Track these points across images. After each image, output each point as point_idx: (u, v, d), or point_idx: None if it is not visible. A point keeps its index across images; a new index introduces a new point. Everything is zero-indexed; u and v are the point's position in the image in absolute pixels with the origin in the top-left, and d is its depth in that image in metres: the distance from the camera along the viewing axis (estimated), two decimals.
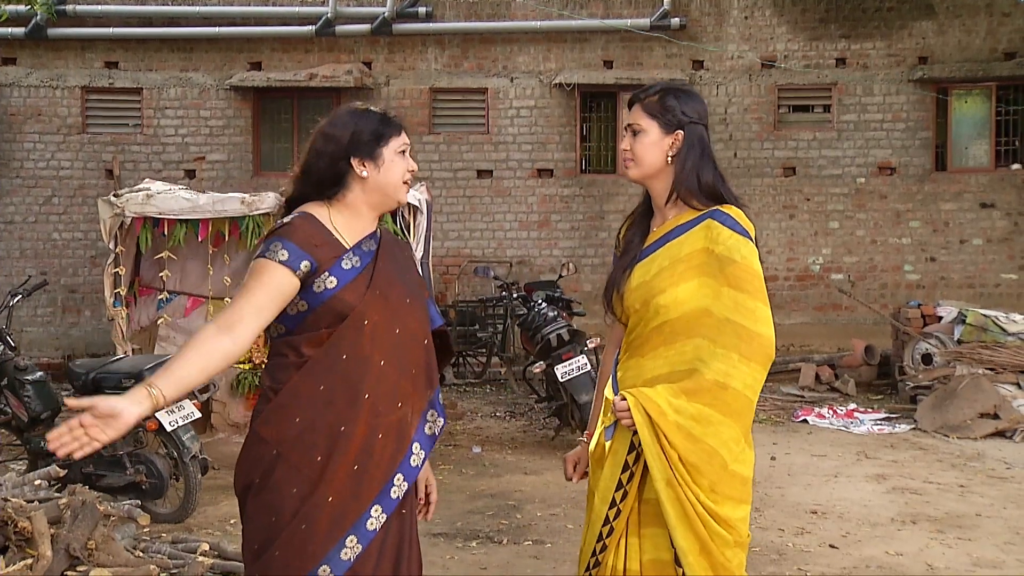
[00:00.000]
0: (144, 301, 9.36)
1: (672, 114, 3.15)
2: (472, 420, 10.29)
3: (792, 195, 14.20)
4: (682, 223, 3.11)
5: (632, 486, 3.02)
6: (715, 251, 3.01)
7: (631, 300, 3.12)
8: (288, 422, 2.93)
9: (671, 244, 3.10)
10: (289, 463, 2.91)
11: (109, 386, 6.47)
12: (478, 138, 14.07)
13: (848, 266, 14.20)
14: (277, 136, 14.33)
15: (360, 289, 2.97)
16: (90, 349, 13.86)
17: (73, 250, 14.11)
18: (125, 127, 14.18)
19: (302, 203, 3.06)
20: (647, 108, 3.17)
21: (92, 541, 4.86)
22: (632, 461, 3.01)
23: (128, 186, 12.72)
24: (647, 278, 3.10)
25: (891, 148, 14.15)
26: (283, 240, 2.92)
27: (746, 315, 2.95)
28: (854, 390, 11.52)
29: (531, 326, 8.91)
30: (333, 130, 3.03)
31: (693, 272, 3.03)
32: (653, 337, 3.07)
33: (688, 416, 2.93)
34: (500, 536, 6.35)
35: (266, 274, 2.91)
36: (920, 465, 8.23)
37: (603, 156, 14.28)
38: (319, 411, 2.92)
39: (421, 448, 3.09)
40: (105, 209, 8.09)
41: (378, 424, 2.98)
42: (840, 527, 6.49)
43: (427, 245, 8.29)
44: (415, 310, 3.10)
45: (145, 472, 6.48)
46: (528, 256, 14.10)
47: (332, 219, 3.01)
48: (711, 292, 2.99)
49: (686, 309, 3.01)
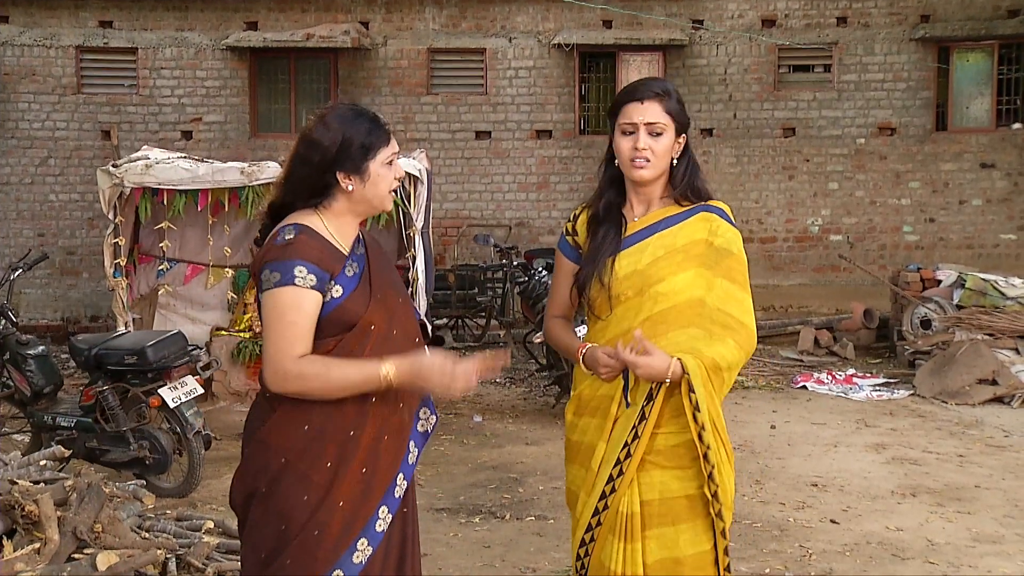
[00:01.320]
0: (144, 269, 9.35)
1: (684, 115, 3.16)
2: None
3: (792, 156, 14.15)
4: (671, 215, 3.16)
5: (644, 429, 3.05)
6: (715, 243, 3.10)
7: (621, 288, 3.13)
8: (296, 430, 2.92)
9: (663, 234, 3.13)
10: (298, 471, 2.91)
11: (111, 363, 6.48)
12: (476, 99, 13.98)
13: (847, 227, 14.19)
14: (274, 97, 14.22)
15: (363, 295, 2.96)
16: (89, 312, 13.86)
17: (70, 212, 14.05)
18: (120, 88, 14.06)
19: (287, 210, 3.02)
20: (668, 107, 3.14)
21: (98, 524, 4.87)
22: (648, 409, 3.04)
23: (126, 150, 12.71)
24: (639, 266, 3.11)
25: (891, 108, 14.08)
26: (306, 264, 2.87)
27: (736, 306, 3.05)
28: (853, 354, 11.56)
29: (531, 295, 8.92)
30: (321, 137, 2.95)
31: (691, 262, 3.09)
32: (645, 328, 3.06)
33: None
34: (503, 511, 6.39)
35: (305, 302, 2.87)
36: (919, 433, 8.27)
37: (602, 117, 14.18)
38: (329, 418, 2.92)
39: (415, 446, 3.12)
40: (104, 179, 8.04)
41: (384, 426, 3.01)
42: (841, 500, 6.53)
43: (427, 215, 8.26)
44: (407, 309, 3.13)
45: (149, 447, 6.50)
46: (527, 218, 14.06)
47: (327, 227, 2.98)
48: (705, 283, 3.07)
49: (682, 298, 3.07)
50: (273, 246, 2.91)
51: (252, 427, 3.02)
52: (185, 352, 6.62)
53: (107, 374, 6.54)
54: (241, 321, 9.42)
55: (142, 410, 6.62)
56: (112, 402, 6.50)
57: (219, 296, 9.59)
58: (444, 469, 7.32)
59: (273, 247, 2.91)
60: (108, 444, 6.57)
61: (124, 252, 8.26)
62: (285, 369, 2.86)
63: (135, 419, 6.61)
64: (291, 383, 2.87)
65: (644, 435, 3.05)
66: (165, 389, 6.40)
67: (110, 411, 6.51)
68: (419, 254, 8.13)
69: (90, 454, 6.63)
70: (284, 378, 2.87)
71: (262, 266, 2.91)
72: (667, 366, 2.95)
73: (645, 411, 3.05)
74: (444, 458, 7.60)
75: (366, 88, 13.99)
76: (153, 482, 6.56)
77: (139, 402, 6.53)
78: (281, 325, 2.87)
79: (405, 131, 13.91)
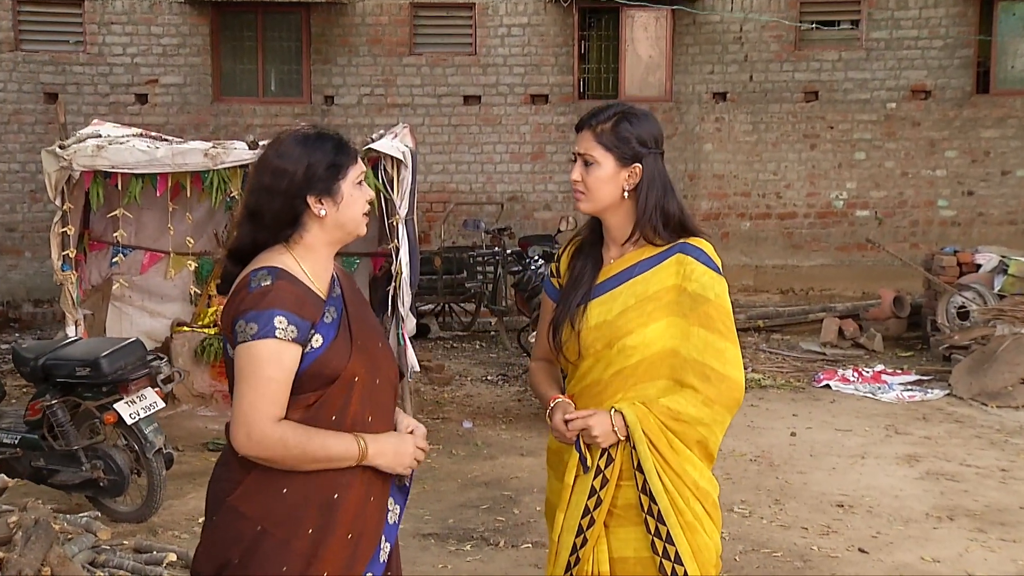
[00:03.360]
0: (95, 257, 9.27)
1: (628, 145, 3.14)
2: (461, 386, 10.31)
3: (814, 123, 14.11)
4: (646, 258, 3.17)
5: (606, 492, 3.11)
6: (687, 288, 3.10)
7: (590, 339, 3.16)
8: (273, 494, 2.89)
9: (635, 281, 3.15)
10: (276, 539, 2.88)
11: (61, 374, 6.42)
12: (464, 60, 13.89)
13: (875, 202, 14.18)
14: (239, 56, 14.12)
15: (344, 344, 2.94)
16: (32, 295, 13.80)
17: (10, 184, 13.97)
18: (65, 45, 13.93)
19: (255, 250, 2.98)
20: (600, 139, 3.15)
21: (47, 566, 4.84)
22: (609, 471, 3.11)
23: (72, 115, 12.58)
24: (609, 317, 3.14)
25: (926, 69, 14.04)
26: (286, 314, 2.84)
27: (715, 356, 3.06)
28: (881, 346, 11.56)
29: (527, 287, 8.89)
30: (284, 163, 2.92)
31: (662, 311, 3.11)
32: (615, 381, 3.13)
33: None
34: (497, 537, 6.38)
35: (286, 356, 2.84)
36: (956, 442, 8.28)
37: (604, 79, 14.13)
38: (310, 479, 2.90)
39: (396, 503, 3.12)
40: (50, 162, 7.93)
41: (371, 487, 3.00)
42: (869, 525, 6.53)
43: (412, 201, 8.19)
44: (387, 352, 3.13)
45: (103, 468, 6.45)
46: (521, 192, 14.01)
47: (301, 266, 2.95)
48: (679, 332, 3.09)
49: (653, 350, 3.10)
50: (247, 294, 2.86)
51: (221, 491, 2.98)
52: (144, 362, 6.56)
53: (56, 386, 6.48)
54: (205, 315, 9.38)
55: (96, 426, 6.57)
56: (62, 417, 6.45)
57: (180, 288, 9.53)
58: (431, 486, 7.31)
59: (247, 295, 2.86)
60: (57, 464, 6.52)
61: (73, 242, 8.18)
62: (263, 432, 2.83)
63: (88, 436, 6.55)
64: (268, 449, 2.84)
65: (607, 499, 3.11)
66: (122, 404, 6.34)
67: (59, 427, 6.46)
68: (403, 244, 8.06)
69: (37, 475, 6.58)
70: (260, 442, 2.83)
71: (236, 317, 2.86)
72: (610, 422, 3.05)
73: (606, 473, 3.10)
74: (431, 472, 7.58)
75: (342, 47, 13.89)
76: (108, 506, 6.53)
77: (92, 417, 6.48)
78: (259, 382, 2.83)
79: (385, 95, 13.84)
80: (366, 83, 14.04)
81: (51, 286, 12.17)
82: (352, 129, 13.77)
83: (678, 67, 14.05)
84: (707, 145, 14.23)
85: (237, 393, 2.88)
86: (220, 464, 3.03)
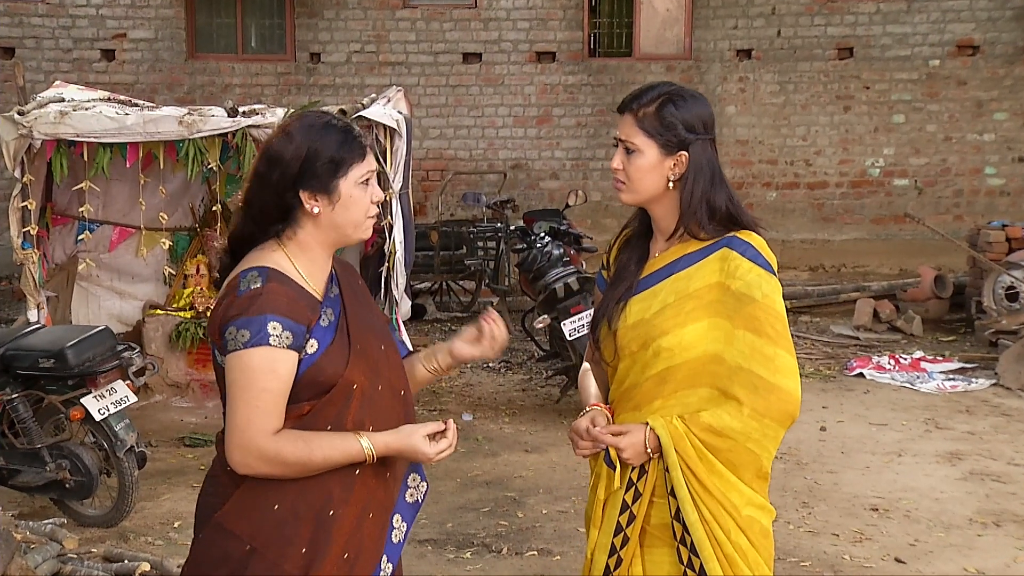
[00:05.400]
0: (59, 233, 9.27)
1: (673, 131, 3.13)
2: (461, 373, 10.33)
3: (848, 82, 14.09)
4: (691, 252, 3.16)
5: (640, 508, 3.13)
6: (731, 287, 3.07)
7: (626, 340, 3.17)
8: (264, 511, 2.92)
9: (678, 276, 3.15)
10: (266, 560, 2.92)
11: (22, 366, 6.43)
12: (463, 13, 13.86)
13: (915, 169, 14.18)
14: (216, 9, 14.11)
15: (342, 348, 2.96)
16: None
17: None
18: None
19: (248, 243, 3.01)
20: (643, 123, 3.14)
21: None
22: (642, 485, 3.12)
23: (32, 72, 12.56)
24: (647, 315, 3.14)
25: (974, 22, 14.01)
26: (280, 318, 2.86)
27: (763, 364, 3.01)
28: (920, 329, 11.56)
29: (532, 268, 8.88)
30: (282, 151, 2.94)
31: (704, 311, 3.09)
32: (649, 387, 3.14)
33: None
34: (499, 543, 6.41)
35: (281, 364, 2.87)
36: (1003, 439, 8.30)
37: (616, 36, 14.11)
38: (303, 493, 2.93)
39: (403, 520, 3.16)
40: (8, 129, 7.91)
41: (370, 502, 3.03)
42: (907, 531, 6.56)
43: (407, 172, 8.18)
44: (391, 358, 3.15)
45: (69, 468, 6.47)
46: (525, 159, 14.01)
47: (295, 265, 2.97)
48: (723, 335, 3.06)
49: (693, 354, 3.08)
50: (236, 298, 2.88)
51: (208, 506, 3.02)
52: (114, 353, 6.58)
53: (17, 379, 6.49)
54: (180, 297, 9.39)
55: (61, 423, 6.59)
56: (24, 413, 6.47)
57: (153, 267, 9.53)
58: (429, 485, 7.33)
59: (236, 299, 2.88)
60: (19, 463, 6.54)
61: (34, 217, 8.18)
62: (260, 448, 2.86)
63: (52, 433, 6.58)
64: (266, 464, 2.88)
65: (640, 514, 3.12)
66: (89, 398, 6.35)
67: (21, 424, 6.47)
68: (396, 221, 8.07)
69: None
70: (259, 458, 2.87)
71: (225, 323, 2.88)
72: (644, 441, 3.06)
73: (638, 486, 3.12)
74: (429, 471, 7.40)
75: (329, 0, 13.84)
76: (75, 509, 6.57)
77: (57, 413, 6.50)
78: (253, 393, 2.86)
79: (377, 53, 13.81)
80: (356, 39, 14.01)
81: (7, 261, 12.19)
82: (340, 90, 13.77)
83: (698, 21, 14.02)
84: (730, 108, 14.21)
85: (230, 407, 2.91)
86: (209, 476, 3.08)
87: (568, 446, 3.46)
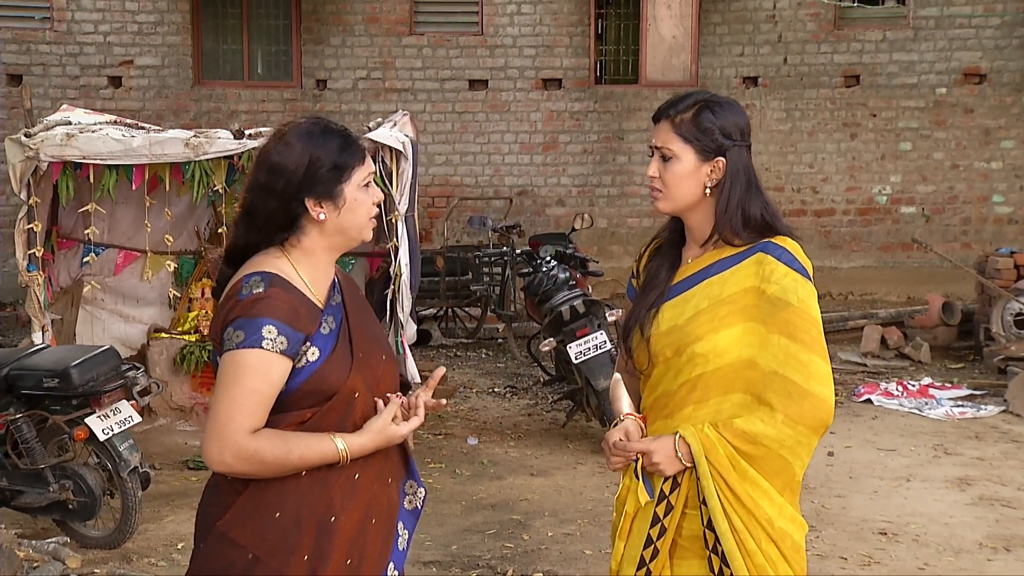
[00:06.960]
0: (64, 256, 9.28)
1: (711, 137, 3.14)
2: (466, 398, 10.33)
3: (855, 110, 14.12)
4: (724, 257, 3.16)
5: (671, 521, 3.10)
6: (767, 291, 3.06)
7: (660, 346, 3.16)
8: (266, 519, 2.93)
9: (711, 281, 3.14)
10: (270, 568, 2.93)
11: (26, 386, 6.44)
12: (470, 40, 13.92)
13: (922, 197, 14.18)
14: (222, 36, 14.17)
15: (343, 357, 2.98)
16: None
17: None
18: (30, 21, 13.97)
19: (249, 252, 3.03)
20: (680, 129, 3.15)
21: None
22: (675, 497, 3.10)
23: (39, 99, 12.62)
24: (680, 321, 3.14)
25: (981, 50, 14.05)
26: (277, 323, 2.87)
27: (798, 369, 2.99)
28: (928, 356, 11.56)
29: (538, 291, 8.88)
30: (283, 161, 2.96)
31: (738, 316, 3.08)
32: (683, 393, 3.12)
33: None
34: (504, 565, 6.40)
35: (272, 368, 2.88)
36: (1013, 464, 8.28)
37: (623, 63, 14.16)
38: (305, 500, 2.94)
39: (405, 527, 3.17)
40: (14, 151, 7.95)
41: (373, 507, 3.04)
42: (916, 555, 6.54)
43: (412, 196, 8.20)
44: (391, 366, 3.17)
45: (72, 488, 6.47)
46: (531, 186, 14.03)
47: (297, 271, 2.99)
48: (758, 340, 3.05)
49: (726, 360, 3.07)
50: (238, 301, 2.90)
51: (210, 515, 3.01)
52: (118, 373, 6.58)
53: (21, 399, 6.50)
54: (185, 320, 9.40)
55: (64, 443, 6.60)
56: (27, 433, 6.47)
57: (158, 290, 9.54)
58: (433, 508, 7.32)
59: (238, 302, 2.90)
60: (22, 484, 6.54)
61: (40, 240, 8.20)
62: (238, 445, 2.86)
63: (55, 454, 6.58)
64: (242, 463, 2.88)
65: (671, 527, 3.10)
66: (93, 418, 6.36)
67: (24, 444, 6.48)
68: (402, 243, 8.08)
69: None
70: (235, 455, 2.87)
71: (225, 324, 2.90)
72: (674, 447, 3.05)
73: (670, 499, 3.10)
74: (433, 493, 7.59)
75: (335, 26, 13.92)
76: (78, 530, 6.56)
77: (61, 433, 6.50)
78: (238, 391, 2.87)
79: (383, 79, 13.86)
80: (362, 66, 14.08)
81: (12, 287, 12.23)
82: (347, 116, 13.81)
83: (705, 49, 14.08)
84: None
85: (213, 402, 2.93)
86: (209, 486, 3.08)
87: (574, 469, 3.46)
